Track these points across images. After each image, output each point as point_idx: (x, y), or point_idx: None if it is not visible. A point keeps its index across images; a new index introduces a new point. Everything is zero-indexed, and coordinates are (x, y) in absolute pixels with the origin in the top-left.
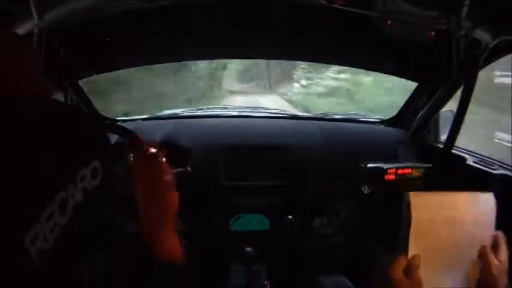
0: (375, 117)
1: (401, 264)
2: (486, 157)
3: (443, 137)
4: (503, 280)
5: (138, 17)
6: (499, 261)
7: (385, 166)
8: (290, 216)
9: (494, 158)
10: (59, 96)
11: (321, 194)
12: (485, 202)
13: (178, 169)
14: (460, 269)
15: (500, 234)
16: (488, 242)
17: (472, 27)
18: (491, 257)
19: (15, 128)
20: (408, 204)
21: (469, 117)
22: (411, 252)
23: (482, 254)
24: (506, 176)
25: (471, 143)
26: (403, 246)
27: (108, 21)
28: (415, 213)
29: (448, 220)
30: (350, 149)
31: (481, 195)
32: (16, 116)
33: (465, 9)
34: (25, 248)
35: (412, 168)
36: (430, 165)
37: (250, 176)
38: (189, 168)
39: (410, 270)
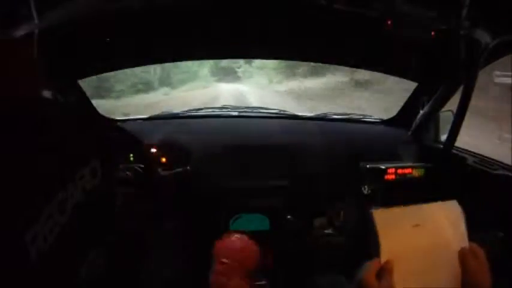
0: (374, 117)
1: (373, 268)
2: (486, 157)
3: (444, 137)
4: (486, 281)
5: (138, 17)
6: (479, 263)
7: (385, 166)
8: (290, 216)
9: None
10: (59, 96)
11: (321, 194)
12: (450, 209)
13: (178, 169)
14: (438, 271)
15: (475, 244)
16: (463, 242)
17: (472, 27)
18: (470, 260)
19: (15, 129)
20: (373, 221)
21: None
22: (383, 258)
23: (461, 257)
24: (506, 176)
25: None
26: (375, 251)
27: (108, 21)
28: (380, 228)
29: (416, 230)
30: (350, 149)
31: (444, 204)
32: (16, 117)
33: (465, 9)
34: (25, 247)
35: (412, 168)
36: (430, 165)
37: (250, 176)
38: (189, 168)
39: (382, 274)
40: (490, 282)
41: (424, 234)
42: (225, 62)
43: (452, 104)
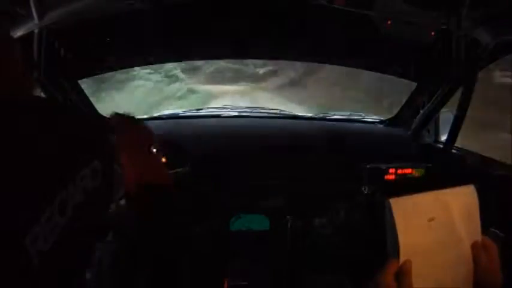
0: (374, 117)
1: (392, 269)
2: (486, 157)
3: (443, 137)
4: (496, 278)
5: (138, 17)
6: (490, 259)
7: (385, 166)
8: (290, 216)
9: None
10: (59, 96)
11: (321, 194)
12: (467, 195)
13: (178, 169)
14: (453, 267)
15: (487, 238)
16: (476, 235)
17: (472, 27)
18: (482, 255)
19: (15, 130)
20: (390, 210)
21: None
22: (402, 256)
23: (474, 251)
24: (506, 176)
25: None
26: (393, 251)
27: (108, 21)
28: (398, 219)
29: (434, 220)
30: (350, 149)
31: (460, 190)
32: (16, 117)
33: (465, 9)
34: (25, 248)
35: (412, 168)
36: (430, 165)
37: (250, 176)
38: (188, 168)
39: (401, 275)
40: (500, 279)
41: (440, 228)
42: None
43: (452, 104)
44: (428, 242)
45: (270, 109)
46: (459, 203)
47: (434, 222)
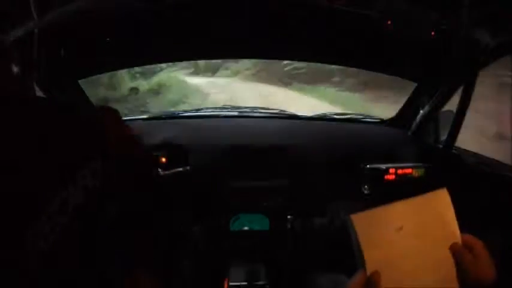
0: (375, 117)
1: (360, 281)
2: (486, 157)
3: (444, 137)
4: (487, 274)
5: (138, 17)
6: (476, 256)
7: (385, 166)
8: (290, 216)
9: None
10: (59, 96)
11: (321, 194)
12: (438, 200)
13: (178, 169)
14: (431, 271)
15: (469, 236)
16: (454, 237)
17: (472, 27)
18: (464, 255)
19: (16, 129)
20: (352, 226)
21: None
22: (369, 268)
23: (454, 252)
24: (506, 176)
25: None
26: (360, 263)
27: (108, 21)
28: (361, 233)
29: (400, 233)
30: (350, 149)
31: (431, 196)
32: (16, 117)
33: (465, 9)
34: (25, 247)
35: (412, 168)
36: (430, 165)
37: (250, 176)
38: (188, 168)
39: (370, 286)
40: (494, 273)
41: (410, 237)
42: None
43: (453, 104)
44: (397, 251)
45: (270, 109)
46: (431, 209)
47: (403, 231)
